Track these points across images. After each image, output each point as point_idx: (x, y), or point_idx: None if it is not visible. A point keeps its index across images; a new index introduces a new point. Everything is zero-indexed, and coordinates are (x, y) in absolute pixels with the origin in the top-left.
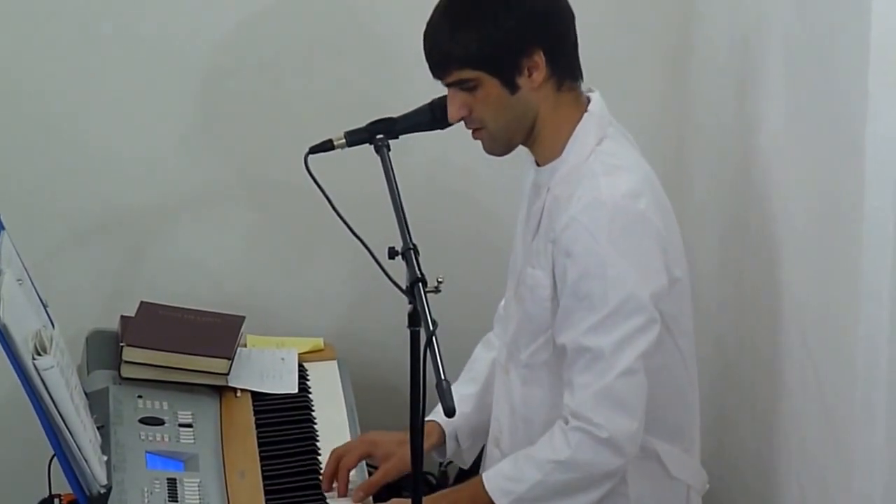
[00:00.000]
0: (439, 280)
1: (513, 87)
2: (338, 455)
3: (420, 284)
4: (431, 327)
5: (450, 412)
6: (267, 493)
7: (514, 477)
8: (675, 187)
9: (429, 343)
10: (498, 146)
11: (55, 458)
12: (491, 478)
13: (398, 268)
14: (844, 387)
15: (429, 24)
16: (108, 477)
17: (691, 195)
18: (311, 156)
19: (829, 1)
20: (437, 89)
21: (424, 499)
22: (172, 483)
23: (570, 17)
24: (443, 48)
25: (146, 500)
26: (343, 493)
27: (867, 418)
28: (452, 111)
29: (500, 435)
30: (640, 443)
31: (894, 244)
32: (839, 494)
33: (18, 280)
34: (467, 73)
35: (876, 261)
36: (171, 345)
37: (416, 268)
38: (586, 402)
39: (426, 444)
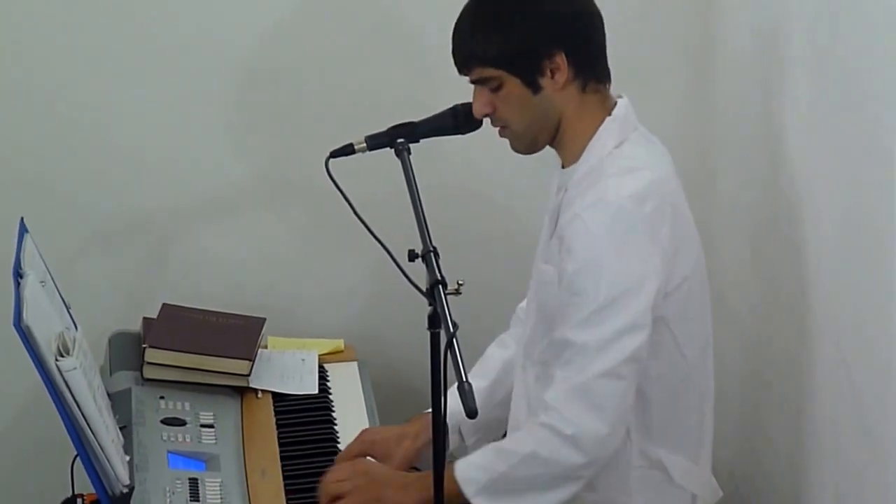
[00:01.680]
0: (459, 282)
1: (535, 88)
2: (337, 459)
3: (440, 287)
4: (452, 329)
5: (471, 414)
6: (288, 492)
7: (482, 466)
8: (703, 191)
9: (449, 345)
10: (523, 145)
11: (78, 459)
12: (461, 465)
13: (418, 270)
14: (880, 389)
15: (456, 22)
16: (131, 477)
17: (720, 198)
18: (332, 159)
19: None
20: (459, 94)
21: (397, 475)
22: (194, 483)
23: (595, 19)
24: (466, 46)
25: (168, 500)
26: None
27: None
28: (477, 108)
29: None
30: (610, 450)
31: None
32: (877, 496)
33: (41, 282)
34: (489, 72)
35: None
36: (192, 346)
37: (437, 270)
38: (560, 395)
39: (425, 437)
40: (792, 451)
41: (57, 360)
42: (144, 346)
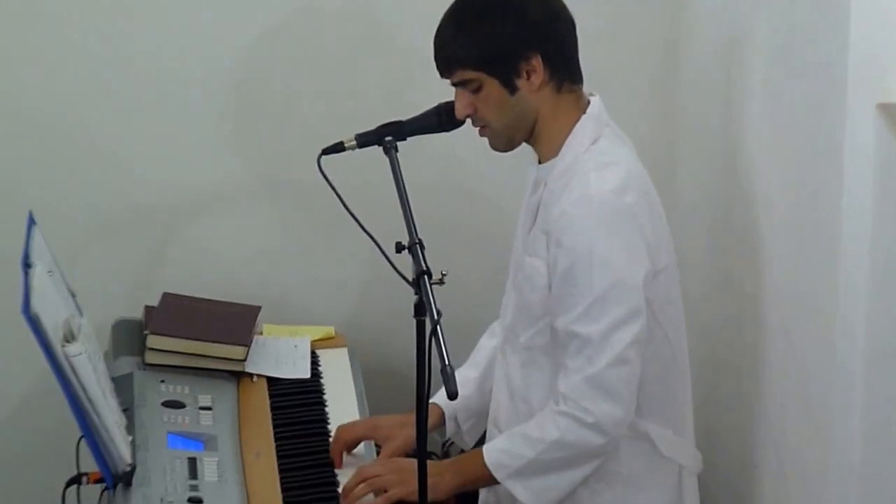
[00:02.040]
0: (443, 273)
1: (512, 89)
2: (341, 430)
3: (425, 277)
4: (436, 317)
5: (452, 395)
6: (281, 471)
7: (509, 452)
8: (665, 185)
9: (433, 331)
10: (501, 143)
11: (83, 439)
12: (490, 451)
13: (405, 261)
14: (823, 371)
15: (438, 27)
16: (133, 456)
17: (680, 193)
18: (323, 157)
19: (810, 12)
20: (443, 94)
21: (431, 464)
22: (193, 462)
23: (568, 24)
24: (447, 50)
25: (168, 478)
26: (338, 466)
27: (844, 401)
28: (459, 109)
29: (498, 415)
30: (626, 427)
31: (871, 237)
32: (818, 471)
33: (49, 272)
34: (469, 74)
35: (854, 254)
36: (191, 333)
37: (422, 261)
38: (576, 387)
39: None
40: (745, 429)
41: (63, 345)
42: (146, 332)
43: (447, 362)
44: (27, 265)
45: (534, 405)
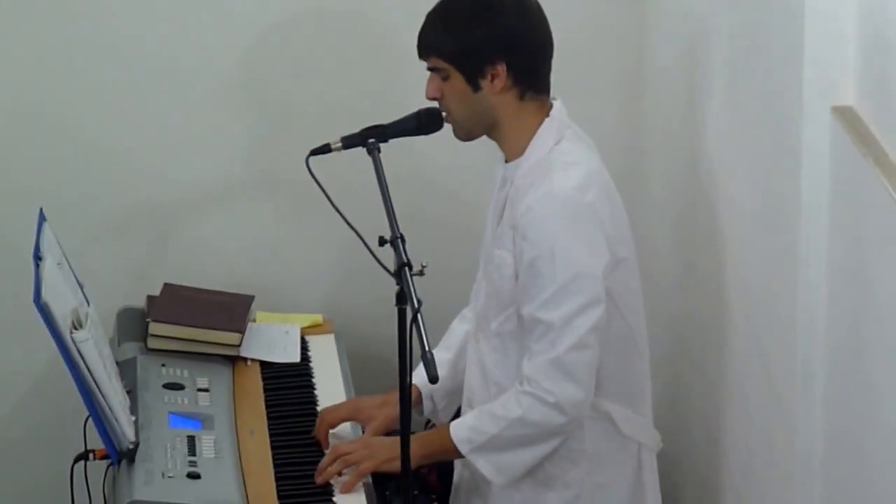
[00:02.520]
0: (423, 265)
1: (475, 87)
2: (324, 412)
3: (406, 268)
4: (416, 305)
5: (433, 379)
6: (273, 448)
7: (475, 428)
8: (633, 184)
9: (414, 319)
10: (461, 133)
11: (90, 419)
12: (456, 427)
13: (388, 254)
14: (785, 357)
15: (428, 13)
16: (136, 434)
17: (648, 191)
18: (311, 157)
19: (766, 19)
20: (424, 101)
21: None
22: (191, 439)
23: (544, 41)
24: (426, 37)
25: (169, 455)
26: (325, 447)
27: (806, 384)
28: (427, 91)
29: (472, 396)
30: (587, 408)
31: (828, 235)
32: (783, 453)
33: (58, 264)
34: (440, 63)
35: (812, 250)
36: (190, 320)
37: (403, 254)
38: (539, 368)
39: None
40: (710, 414)
41: (71, 332)
42: (148, 320)
43: (427, 348)
44: (38, 258)
45: (505, 388)
